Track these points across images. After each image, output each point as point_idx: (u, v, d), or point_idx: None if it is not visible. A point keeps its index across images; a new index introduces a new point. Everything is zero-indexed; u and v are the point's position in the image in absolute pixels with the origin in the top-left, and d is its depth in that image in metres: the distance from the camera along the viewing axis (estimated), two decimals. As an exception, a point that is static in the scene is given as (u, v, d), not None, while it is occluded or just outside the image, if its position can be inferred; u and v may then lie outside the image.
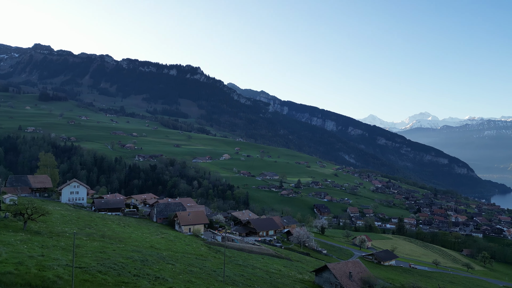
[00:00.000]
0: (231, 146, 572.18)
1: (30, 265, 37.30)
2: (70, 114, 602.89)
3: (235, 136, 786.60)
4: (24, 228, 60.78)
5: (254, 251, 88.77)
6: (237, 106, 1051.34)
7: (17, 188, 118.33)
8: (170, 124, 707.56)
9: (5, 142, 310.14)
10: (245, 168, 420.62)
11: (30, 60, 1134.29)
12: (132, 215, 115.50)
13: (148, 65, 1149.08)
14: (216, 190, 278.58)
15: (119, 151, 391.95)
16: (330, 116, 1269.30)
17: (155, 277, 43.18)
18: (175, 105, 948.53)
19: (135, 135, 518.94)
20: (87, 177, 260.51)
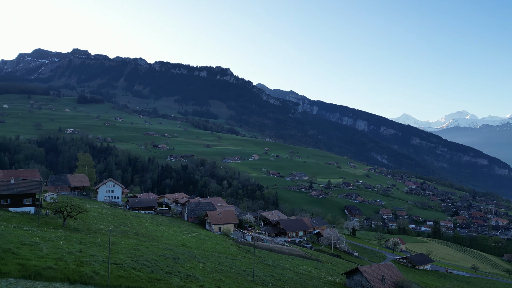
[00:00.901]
0: (260, 147, 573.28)
1: (69, 261, 39.03)
2: (106, 116, 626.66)
3: (264, 136, 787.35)
4: (63, 225, 63.77)
5: (284, 252, 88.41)
6: (266, 106, 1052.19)
7: (57, 187, 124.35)
8: (200, 125, 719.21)
9: (46, 143, 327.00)
10: (274, 169, 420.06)
11: (69, 64, 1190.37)
12: (164, 214, 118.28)
13: (179, 67, 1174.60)
14: (246, 190, 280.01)
15: (152, 151, 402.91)
16: (361, 115, 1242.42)
17: (186, 275, 44.00)
18: (206, 106, 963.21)
19: (167, 135, 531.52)
20: (122, 176, 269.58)
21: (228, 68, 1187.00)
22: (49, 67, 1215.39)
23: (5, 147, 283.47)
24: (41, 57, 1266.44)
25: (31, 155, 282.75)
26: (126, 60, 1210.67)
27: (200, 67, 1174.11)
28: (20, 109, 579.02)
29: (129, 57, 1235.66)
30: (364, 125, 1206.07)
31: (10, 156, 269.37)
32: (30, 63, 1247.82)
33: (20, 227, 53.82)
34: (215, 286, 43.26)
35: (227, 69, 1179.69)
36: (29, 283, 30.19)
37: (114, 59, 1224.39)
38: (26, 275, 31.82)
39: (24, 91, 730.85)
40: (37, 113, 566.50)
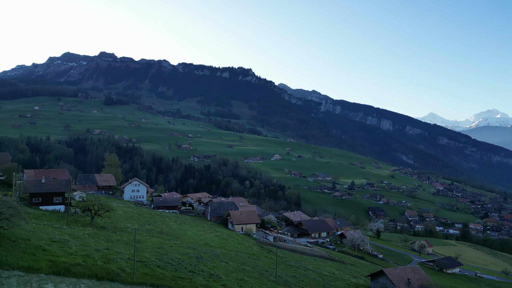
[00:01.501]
0: (282, 147, 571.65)
1: (96, 258, 40.18)
2: (132, 117, 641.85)
3: (286, 136, 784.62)
4: (91, 223, 65.73)
5: (306, 253, 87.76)
6: (288, 106, 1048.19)
7: (85, 186, 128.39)
8: (223, 125, 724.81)
9: (75, 143, 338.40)
10: (296, 169, 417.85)
11: (96, 67, 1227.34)
12: (188, 213, 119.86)
13: (202, 68, 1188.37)
14: (268, 190, 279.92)
15: (175, 151, 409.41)
16: (386, 115, 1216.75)
17: (209, 274, 44.39)
18: (228, 107, 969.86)
19: (190, 136, 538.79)
20: (147, 176, 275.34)
21: (250, 68, 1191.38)
22: (78, 70, 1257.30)
23: (36, 148, 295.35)
24: (70, 61, 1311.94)
25: (61, 155, 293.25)
26: (150, 62, 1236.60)
27: (223, 68, 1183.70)
28: (50, 111, 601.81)
29: (153, 59, 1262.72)
30: (388, 125, 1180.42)
31: (41, 156, 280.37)
32: (59, 66, 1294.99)
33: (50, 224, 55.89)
34: (238, 285, 43.43)
35: (249, 69, 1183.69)
36: (59, 279, 31.27)
37: (139, 61, 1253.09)
38: (56, 271, 32.98)
39: (54, 93, 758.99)
40: (67, 114, 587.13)
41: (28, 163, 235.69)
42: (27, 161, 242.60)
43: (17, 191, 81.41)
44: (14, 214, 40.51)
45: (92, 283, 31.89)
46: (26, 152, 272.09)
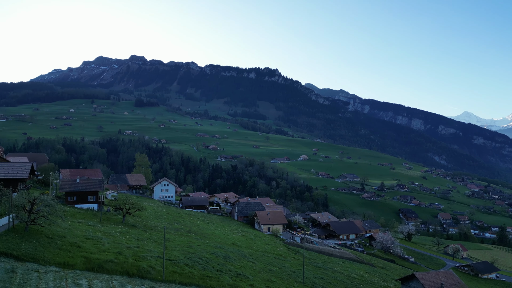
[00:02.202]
0: (309, 147, 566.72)
1: (127, 255, 41.38)
2: (161, 118, 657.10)
3: (313, 136, 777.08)
4: (123, 221, 67.77)
5: (334, 255, 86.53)
6: (315, 106, 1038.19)
7: (117, 185, 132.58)
8: (249, 125, 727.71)
9: (108, 144, 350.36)
10: (323, 170, 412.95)
11: (127, 70, 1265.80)
12: (215, 213, 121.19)
13: (229, 69, 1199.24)
14: (294, 191, 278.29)
15: (203, 152, 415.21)
16: (417, 114, 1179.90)
17: (236, 274, 44.66)
18: (254, 107, 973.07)
19: (218, 136, 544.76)
20: (176, 176, 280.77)
21: (277, 68, 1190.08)
22: (110, 73, 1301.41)
23: (72, 148, 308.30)
24: (102, 64, 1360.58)
25: (94, 155, 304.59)
26: (179, 65, 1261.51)
27: (249, 69, 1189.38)
28: (84, 113, 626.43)
29: (181, 62, 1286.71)
30: (420, 124, 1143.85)
31: (76, 156, 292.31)
32: (93, 70, 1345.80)
33: (84, 222, 58.11)
34: (265, 286, 43.43)
35: (275, 69, 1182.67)
36: (92, 275, 32.45)
37: (168, 64, 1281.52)
38: (90, 267, 34.26)
39: (88, 96, 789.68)
40: (100, 116, 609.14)
41: (64, 163, 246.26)
42: (63, 161, 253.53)
43: (53, 190, 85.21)
44: (51, 212, 42.43)
45: (123, 280, 32.87)
46: (62, 153, 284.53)
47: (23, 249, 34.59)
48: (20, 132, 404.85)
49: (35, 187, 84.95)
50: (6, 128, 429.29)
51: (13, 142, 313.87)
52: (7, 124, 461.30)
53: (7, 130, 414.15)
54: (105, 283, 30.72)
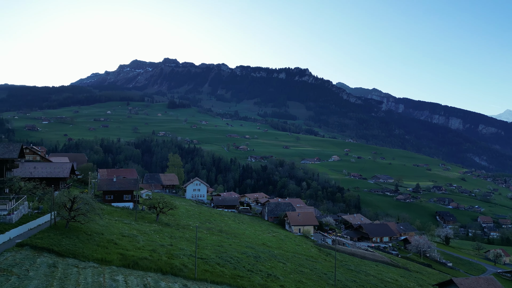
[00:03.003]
0: (340, 147, 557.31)
1: (161, 253, 42.49)
2: (193, 119, 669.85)
3: (345, 137, 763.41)
4: (156, 220, 69.68)
5: (367, 257, 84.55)
6: (347, 105, 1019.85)
7: (151, 185, 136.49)
8: (279, 126, 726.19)
9: (142, 145, 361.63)
10: (355, 170, 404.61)
11: (161, 73, 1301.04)
12: (246, 213, 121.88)
13: (259, 70, 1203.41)
14: (325, 192, 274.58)
15: (233, 152, 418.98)
16: (455, 113, 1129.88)
17: (267, 274, 44.68)
18: (284, 108, 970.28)
19: (248, 137, 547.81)
20: (207, 176, 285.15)
21: (307, 68, 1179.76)
22: (144, 76, 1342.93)
23: (109, 149, 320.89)
24: (137, 67, 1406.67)
25: (129, 156, 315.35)
26: (210, 66, 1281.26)
27: (279, 69, 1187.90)
28: (120, 114, 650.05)
29: (212, 63, 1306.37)
30: (458, 124, 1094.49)
31: (113, 157, 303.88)
32: (128, 73, 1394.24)
33: (120, 220, 60.28)
34: (296, 287, 43.16)
35: (305, 69, 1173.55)
36: (128, 272, 33.57)
37: (199, 66, 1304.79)
38: (126, 264, 35.48)
39: (123, 98, 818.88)
40: (134, 118, 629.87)
41: (102, 163, 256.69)
42: (101, 161, 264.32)
43: (92, 189, 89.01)
44: (90, 210, 44.37)
45: (157, 277, 33.78)
46: (100, 153, 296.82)
47: (64, 245, 36.36)
48: (61, 133, 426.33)
49: (75, 186, 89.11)
50: (49, 129, 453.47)
51: (55, 143, 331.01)
52: (49, 126, 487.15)
53: (50, 131, 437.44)
54: (140, 279, 31.69)
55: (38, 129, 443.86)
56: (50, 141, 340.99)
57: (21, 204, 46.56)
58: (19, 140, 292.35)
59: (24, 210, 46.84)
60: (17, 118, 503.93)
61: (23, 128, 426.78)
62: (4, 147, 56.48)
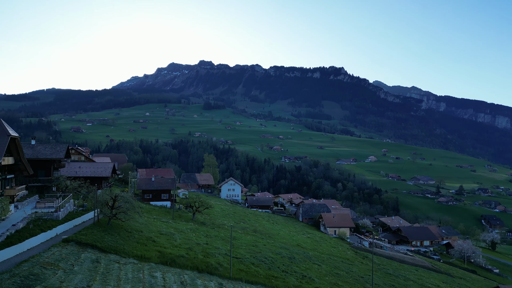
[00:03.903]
0: (378, 148, 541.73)
1: (197, 251, 43.33)
2: (227, 120, 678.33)
3: (382, 137, 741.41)
4: (193, 219, 71.20)
5: (407, 261, 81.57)
6: (384, 104, 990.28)
7: (187, 184, 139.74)
8: (313, 126, 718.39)
9: (179, 145, 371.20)
10: (393, 171, 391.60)
11: (196, 75, 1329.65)
12: (280, 213, 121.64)
13: (293, 70, 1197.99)
14: (362, 194, 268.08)
15: (267, 152, 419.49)
16: (502, 110, 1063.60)
17: (302, 275, 44.30)
18: (318, 107, 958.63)
19: (281, 137, 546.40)
20: (241, 176, 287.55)
21: (342, 67, 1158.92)
22: (181, 78, 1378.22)
23: (147, 149, 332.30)
24: (174, 70, 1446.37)
25: (167, 156, 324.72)
26: (244, 68, 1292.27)
27: (313, 69, 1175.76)
28: (158, 116, 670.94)
29: (246, 65, 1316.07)
30: (506, 122, 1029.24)
31: (151, 157, 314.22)
32: (166, 76, 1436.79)
33: (159, 218, 62.17)
34: (331, 290, 42.45)
35: (340, 68, 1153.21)
36: (166, 269, 34.53)
37: (233, 67, 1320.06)
38: (164, 261, 36.52)
39: (161, 100, 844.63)
40: (172, 119, 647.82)
41: (141, 163, 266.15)
42: (140, 161, 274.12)
43: (132, 188, 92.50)
44: (130, 208, 46.11)
45: (194, 275, 34.49)
46: (139, 153, 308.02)
47: (106, 241, 38.03)
48: (103, 134, 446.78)
49: (116, 185, 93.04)
50: (92, 131, 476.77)
51: (98, 143, 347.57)
52: (93, 127, 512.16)
53: (93, 133, 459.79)
54: (177, 277, 32.49)
55: (82, 130, 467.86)
56: (93, 142, 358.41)
57: (67, 202, 49.26)
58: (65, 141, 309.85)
59: (70, 207, 49.52)
60: (63, 121, 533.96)
61: (69, 130, 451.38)
62: (51, 148, 60.07)
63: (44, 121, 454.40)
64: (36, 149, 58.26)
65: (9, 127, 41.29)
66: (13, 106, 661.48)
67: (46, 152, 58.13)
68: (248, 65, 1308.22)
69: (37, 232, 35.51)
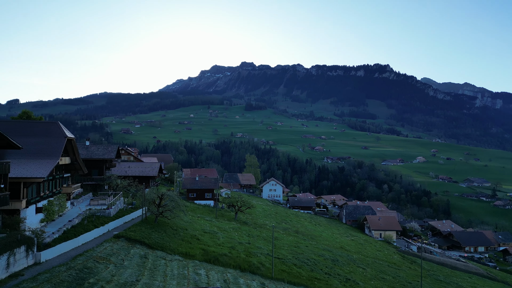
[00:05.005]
0: (426, 148, 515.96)
1: (239, 250, 43.80)
2: (268, 121, 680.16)
3: (431, 136, 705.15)
4: (235, 218, 72.12)
5: (459, 268, 76.92)
6: (434, 102, 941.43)
7: (230, 184, 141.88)
8: (357, 126, 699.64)
9: (222, 146, 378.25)
10: (444, 173, 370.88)
11: (238, 76, 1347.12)
12: (322, 215, 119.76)
13: (335, 69, 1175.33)
14: (409, 196, 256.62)
15: (309, 153, 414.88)
16: None
17: (345, 279, 43.27)
18: (363, 107, 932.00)
19: (324, 138, 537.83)
20: (282, 176, 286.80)
21: (388, 64, 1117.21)
22: (223, 80, 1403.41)
23: (192, 150, 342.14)
24: (217, 72, 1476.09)
25: (210, 156, 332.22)
26: (285, 68, 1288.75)
27: (357, 67, 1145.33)
28: (202, 117, 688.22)
29: (288, 65, 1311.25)
30: None
31: (195, 157, 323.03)
32: (209, 78, 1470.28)
33: (202, 217, 63.66)
34: (377, 295, 41.08)
35: (386, 65, 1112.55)
36: (209, 267, 35.27)
37: (275, 68, 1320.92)
38: (207, 259, 37.33)
39: (205, 102, 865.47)
40: (214, 120, 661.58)
41: (186, 163, 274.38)
42: (185, 161, 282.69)
43: (177, 187, 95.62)
44: (176, 206, 47.67)
45: (236, 273, 34.91)
46: (184, 154, 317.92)
47: (153, 238, 39.60)
48: (151, 135, 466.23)
49: (162, 184, 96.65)
50: (141, 132, 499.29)
51: (145, 144, 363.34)
52: (141, 129, 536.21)
53: (141, 134, 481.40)
54: (221, 275, 33.06)
55: (131, 132, 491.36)
56: (141, 143, 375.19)
57: (117, 199, 51.95)
58: (116, 142, 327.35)
59: (120, 205, 52.17)
60: (114, 123, 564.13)
61: (119, 131, 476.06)
62: (104, 149, 63.71)
63: (97, 123, 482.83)
64: (90, 149, 62.05)
65: (66, 129, 44.36)
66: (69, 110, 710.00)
67: (99, 153, 61.75)
68: (289, 65, 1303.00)
69: (91, 228, 37.79)
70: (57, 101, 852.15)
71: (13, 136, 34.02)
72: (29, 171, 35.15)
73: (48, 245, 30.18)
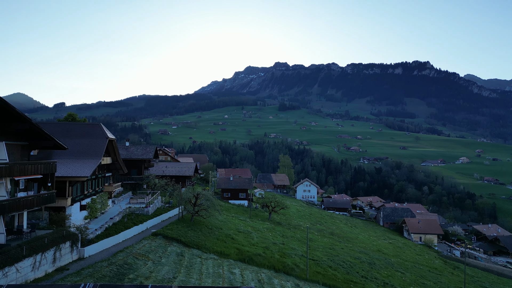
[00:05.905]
0: (470, 148, 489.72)
1: (274, 251, 43.75)
2: (302, 121, 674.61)
3: (476, 136, 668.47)
4: (269, 218, 72.12)
5: (506, 275, 72.30)
6: (478, 100, 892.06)
7: (263, 184, 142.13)
8: (395, 125, 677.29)
9: (255, 146, 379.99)
10: (490, 174, 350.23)
11: (272, 77, 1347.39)
12: (358, 217, 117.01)
13: (372, 67, 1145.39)
14: (452, 198, 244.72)
15: (344, 153, 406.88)
16: None
17: (383, 283, 42.01)
18: (401, 105, 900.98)
19: (360, 138, 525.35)
20: (317, 177, 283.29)
21: (428, 61, 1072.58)
22: (257, 81, 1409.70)
23: (226, 150, 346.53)
24: (250, 73, 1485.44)
25: (244, 156, 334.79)
26: (319, 67, 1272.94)
27: (395, 64, 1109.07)
28: (236, 118, 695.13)
29: (322, 64, 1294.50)
30: None
31: (230, 157, 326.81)
32: (243, 79, 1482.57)
33: (237, 217, 64.23)
34: (416, 301, 39.50)
35: (426, 62, 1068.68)
36: (244, 266, 35.48)
37: (308, 67, 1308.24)
38: (242, 258, 37.58)
39: (238, 103, 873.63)
40: (248, 121, 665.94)
41: (220, 163, 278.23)
42: (219, 162, 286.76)
43: (212, 187, 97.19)
44: (211, 206, 48.44)
45: (270, 274, 34.88)
46: (218, 154, 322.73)
47: (189, 236, 40.45)
48: (187, 136, 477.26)
49: (198, 183, 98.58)
50: (177, 133, 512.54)
51: (182, 145, 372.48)
52: (177, 130, 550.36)
53: (178, 135, 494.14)
54: (255, 274, 33.17)
55: (168, 133, 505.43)
56: (178, 144, 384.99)
57: (155, 198, 53.59)
58: (154, 143, 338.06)
59: (157, 203, 53.80)
60: (152, 124, 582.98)
61: (157, 132, 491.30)
62: (142, 149, 65.99)
63: (136, 125, 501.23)
64: (130, 150, 64.50)
65: (107, 131, 46.40)
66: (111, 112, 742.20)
67: (138, 153, 64.05)
68: (323, 64, 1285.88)
69: (130, 226, 39.24)
70: (100, 103, 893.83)
71: (59, 137, 36.08)
72: (74, 170, 37.09)
73: (91, 241, 31.69)
